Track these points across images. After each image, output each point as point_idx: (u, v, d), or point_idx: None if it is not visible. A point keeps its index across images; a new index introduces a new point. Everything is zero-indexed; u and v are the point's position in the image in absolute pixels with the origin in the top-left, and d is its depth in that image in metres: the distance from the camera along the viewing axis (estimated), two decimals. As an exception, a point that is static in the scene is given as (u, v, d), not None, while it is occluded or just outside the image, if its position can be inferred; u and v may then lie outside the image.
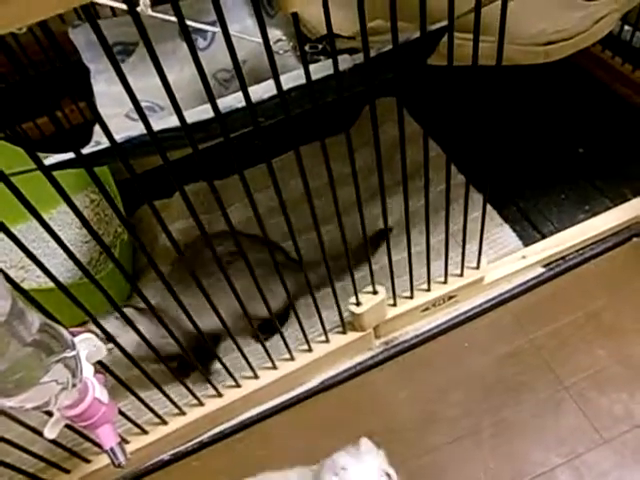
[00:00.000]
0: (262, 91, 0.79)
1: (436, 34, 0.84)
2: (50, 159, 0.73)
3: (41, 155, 0.65)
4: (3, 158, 0.97)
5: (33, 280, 1.43)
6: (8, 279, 0.62)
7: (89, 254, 1.49)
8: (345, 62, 0.81)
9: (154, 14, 0.83)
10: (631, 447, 1.06)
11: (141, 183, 0.71)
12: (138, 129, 0.77)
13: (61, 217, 1.59)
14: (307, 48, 1.08)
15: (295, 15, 0.64)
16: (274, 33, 1.32)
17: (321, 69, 0.80)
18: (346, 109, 0.79)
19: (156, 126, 0.69)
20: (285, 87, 0.72)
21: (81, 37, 1.18)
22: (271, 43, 0.66)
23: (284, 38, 1.22)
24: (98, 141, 0.83)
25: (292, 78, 0.79)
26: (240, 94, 0.70)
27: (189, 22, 0.91)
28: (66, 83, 1.10)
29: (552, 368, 1.17)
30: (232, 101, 0.80)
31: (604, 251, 1.29)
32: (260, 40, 0.64)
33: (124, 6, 0.50)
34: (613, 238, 1.33)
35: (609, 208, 1.37)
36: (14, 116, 0.64)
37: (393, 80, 0.82)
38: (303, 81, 0.73)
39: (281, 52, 1.17)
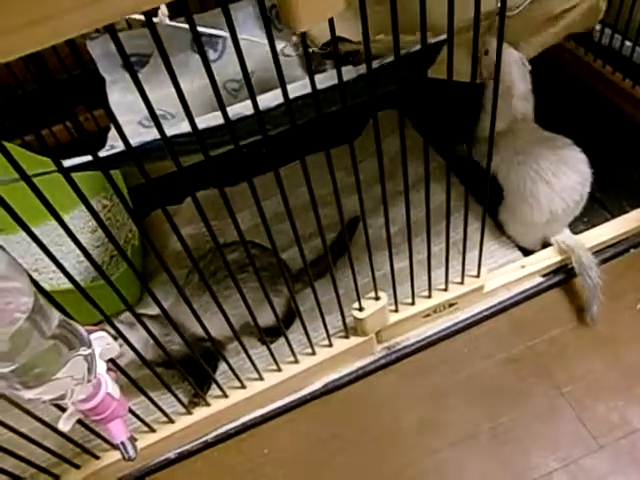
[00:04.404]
0: (269, 99, 0.83)
1: (436, 46, 0.88)
2: (67, 162, 0.77)
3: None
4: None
5: (45, 282, 1.46)
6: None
7: (99, 259, 1.52)
8: (349, 73, 0.84)
9: (171, 23, 0.87)
10: (626, 453, 1.08)
11: (151, 189, 0.75)
12: (150, 135, 0.81)
13: (72, 223, 1.63)
14: (316, 50, 1.10)
15: (303, 35, 0.67)
16: (282, 45, 1.35)
17: (326, 79, 0.83)
18: (351, 120, 0.82)
19: (168, 132, 0.72)
20: (292, 96, 0.76)
21: (98, 48, 1.22)
22: (278, 50, 0.69)
23: (291, 47, 1.26)
24: (112, 145, 0.87)
25: (298, 87, 0.82)
26: (248, 102, 0.73)
27: (201, 29, 0.94)
28: (82, 91, 1.14)
29: (550, 375, 1.19)
30: (241, 109, 0.83)
31: (602, 262, 1.30)
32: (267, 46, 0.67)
33: (142, 17, 0.54)
34: (611, 249, 1.36)
35: (608, 220, 1.40)
36: (32, 123, 0.67)
37: (395, 91, 0.85)
38: (309, 90, 0.77)
39: (286, 53, 1.19)
